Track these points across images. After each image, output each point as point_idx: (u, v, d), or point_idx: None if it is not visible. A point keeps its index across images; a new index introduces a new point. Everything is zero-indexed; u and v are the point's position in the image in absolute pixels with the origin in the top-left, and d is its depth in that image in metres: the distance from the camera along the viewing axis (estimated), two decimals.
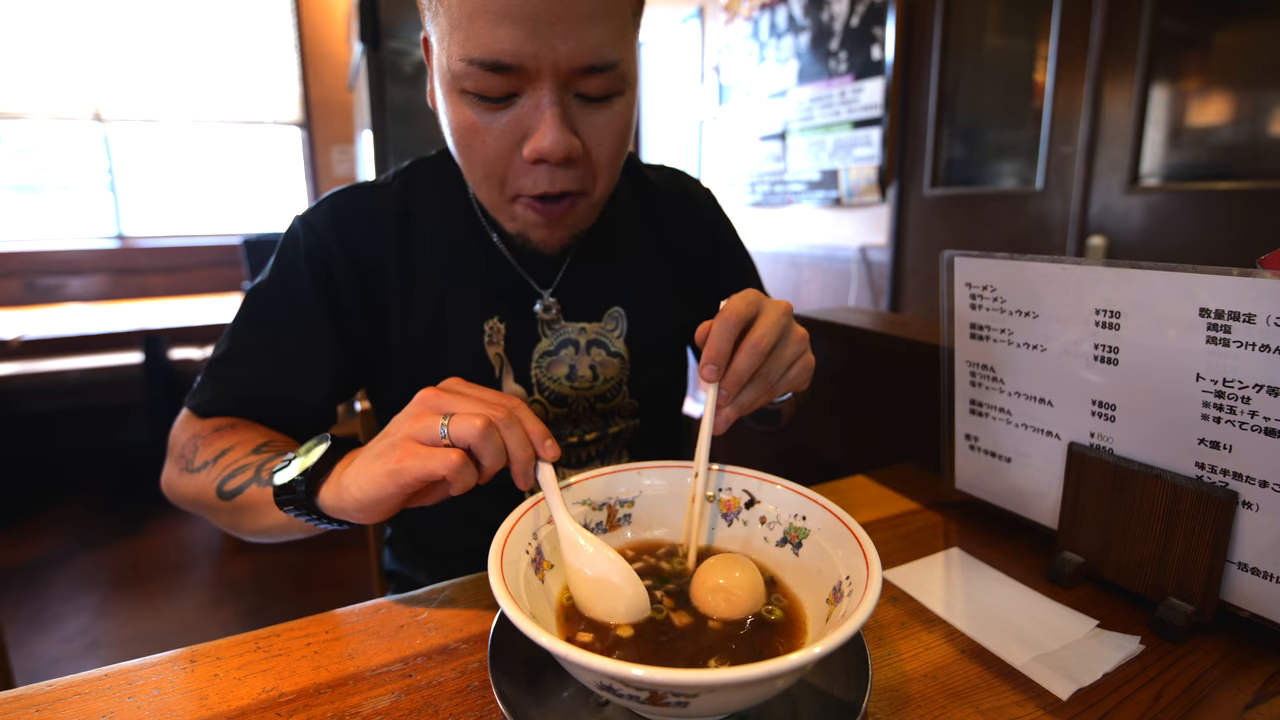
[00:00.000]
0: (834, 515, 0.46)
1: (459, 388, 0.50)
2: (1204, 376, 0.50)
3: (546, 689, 0.42)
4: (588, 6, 0.54)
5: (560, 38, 0.54)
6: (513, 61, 0.54)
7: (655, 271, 0.82)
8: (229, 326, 0.72)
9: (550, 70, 0.55)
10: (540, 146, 0.57)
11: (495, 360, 0.73)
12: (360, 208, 0.72)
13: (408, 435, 0.46)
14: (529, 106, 0.58)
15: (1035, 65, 2.18)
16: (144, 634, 1.95)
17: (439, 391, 0.49)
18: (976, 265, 0.64)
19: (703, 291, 0.86)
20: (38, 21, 3.43)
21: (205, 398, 0.70)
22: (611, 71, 0.57)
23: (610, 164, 0.64)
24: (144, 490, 2.86)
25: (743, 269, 0.90)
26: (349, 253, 0.70)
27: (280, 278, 0.71)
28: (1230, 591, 0.52)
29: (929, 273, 2.60)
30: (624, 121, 0.62)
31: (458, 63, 0.56)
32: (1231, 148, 1.75)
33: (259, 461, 0.60)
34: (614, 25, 0.56)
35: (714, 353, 0.50)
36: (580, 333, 0.76)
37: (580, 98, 0.59)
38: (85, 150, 3.67)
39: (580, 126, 0.60)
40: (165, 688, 0.45)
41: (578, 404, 0.76)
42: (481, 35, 0.54)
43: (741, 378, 0.51)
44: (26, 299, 3.44)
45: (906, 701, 0.45)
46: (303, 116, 4.01)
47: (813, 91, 2.92)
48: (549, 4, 0.52)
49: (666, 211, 0.84)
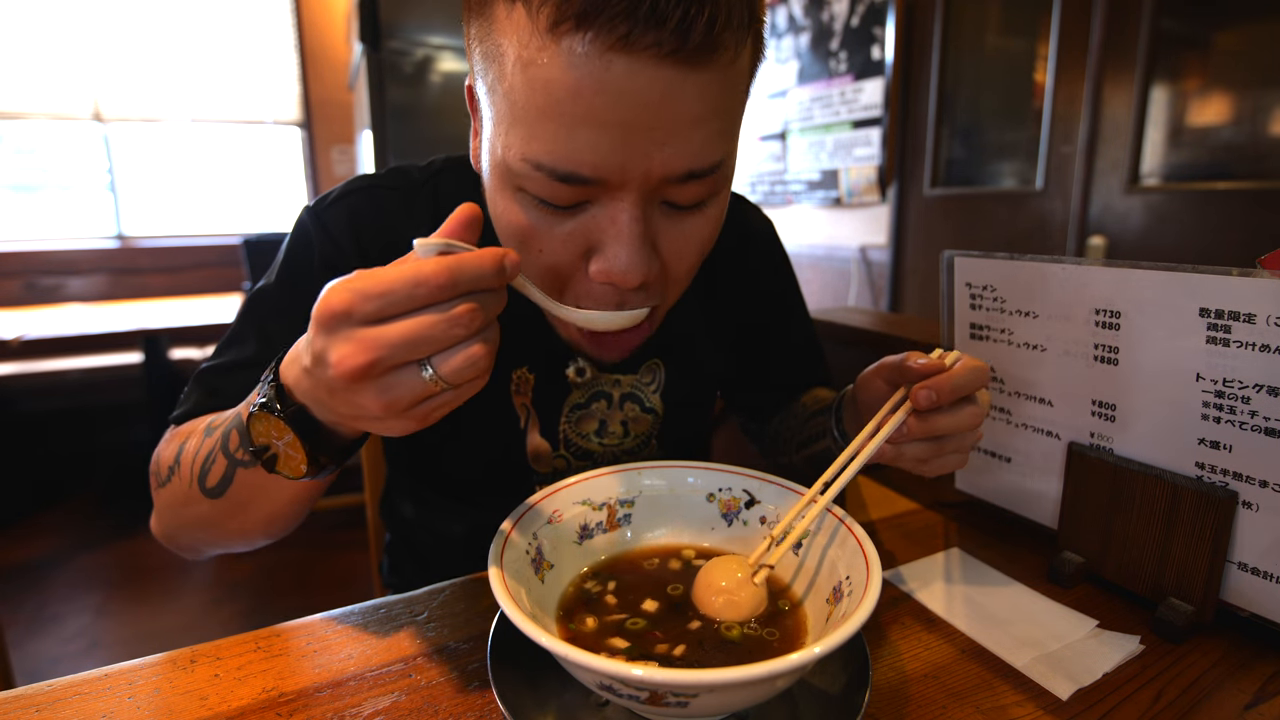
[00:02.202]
0: (834, 515, 0.47)
1: (369, 288, 0.34)
2: (1204, 376, 0.50)
3: (546, 689, 0.42)
4: (697, 109, 0.41)
5: (656, 145, 0.41)
6: (591, 175, 0.42)
7: (700, 320, 0.74)
8: (228, 331, 0.63)
9: (639, 183, 0.43)
10: (612, 271, 0.46)
11: (521, 410, 0.67)
12: (381, 209, 0.63)
13: (383, 405, 0.36)
14: (603, 219, 0.45)
15: (1035, 65, 2.18)
16: (144, 634, 1.95)
17: (351, 308, 0.34)
18: (976, 265, 0.64)
19: (749, 339, 0.79)
20: (38, 21, 3.43)
21: (187, 408, 0.60)
22: (712, 175, 0.45)
23: (690, 275, 0.53)
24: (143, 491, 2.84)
25: (794, 315, 0.83)
26: (367, 260, 0.58)
27: (290, 283, 0.62)
28: (1230, 591, 0.52)
29: (929, 273, 2.60)
30: (715, 227, 0.51)
31: (518, 160, 0.44)
32: (1231, 148, 1.75)
33: (218, 438, 0.49)
34: (724, 122, 0.44)
35: (944, 389, 0.47)
36: (614, 385, 0.69)
37: (667, 205, 0.47)
38: (85, 150, 3.66)
39: (662, 239, 0.48)
40: (165, 688, 0.45)
41: (603, 459, 0.71)
42: (553, 139, 0.41)
43: (936, 430, 0.48)
44: (26, 299, 3.44)
45: (906, 701, 0.45)
46: (303, 116, 4.01)
47: (813, 91, 2.92)
48: (650, 108, 0.40)
49: (721, 253, 0.71)
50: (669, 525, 0.53)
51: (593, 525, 0.52)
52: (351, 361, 0.33)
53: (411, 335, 0.34)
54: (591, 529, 0.51)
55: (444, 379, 0.35)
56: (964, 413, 0.49)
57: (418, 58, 2.52)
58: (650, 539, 0.53)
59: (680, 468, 0.54)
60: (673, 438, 0.75)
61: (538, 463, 0.69)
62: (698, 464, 0.54)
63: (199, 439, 0.52)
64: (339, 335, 0.34)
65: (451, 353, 0.35)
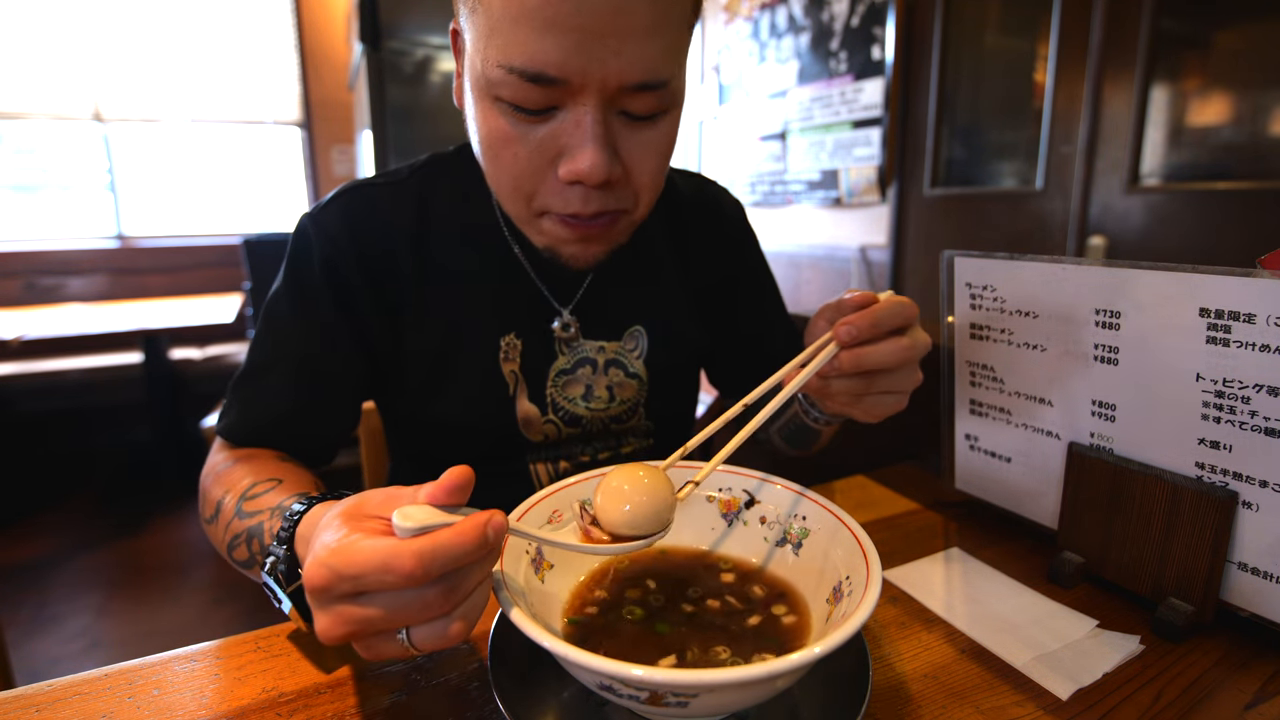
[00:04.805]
0: (834, 515, 0.46)
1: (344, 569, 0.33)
2: (1204, 376, 0.50)
3: (546, 689, 0.42)
4: (644, 19, 0.49)
5: (612, 52, 0.49)
6: (557, 74, 0.49)
7: (678, 289, 0.78)
8: (252, 340, 0.69)
9: (597, 86, 0.50)
10: (578, 169, 0.53)
11: (510, 378, 0.70)
12: (374, 205, 0.69)
13: (369, 656, 0.36)
14: (569, 123, 0.52)
15: (1035, 65, 2.18)
16: (144, 634, 1.95)
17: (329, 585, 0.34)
18: (976, 265, 0.64)
19: (723, 312, 0.83)
20: (38, 21, 3.43)
21: (230, 421, 0.67)
22: (663, 89, 0.52)
23: (653, 184, 0.59)
24: (144, 490, 2.86)
25: (766, 292, 0.87)
26: (363, 254, 0.67)
27: (295, 287, 0.67)
28: (1230, 591, 0.52)
29: (929, 273, 2.60)
30: (669, 141, 0.58)
31: (495, 69, 0.51)
32: (1231, 148, 1.75)
33: (245, 531, 0.54)
34: (670, 39, 0.51)
35: (864, 323, 0.48)
36: (599, 352, 0.73)
37: (625, 115, 0.54)
38: (85, 150, 3.67)
39: (622, 146, 0.55)
40: (165, 688, 0.45)
41: (592, 424, 0.74)
42: (524, 42, 0.49)
43: (864, 363, 0.49)
44: (26, 299, 3.44)
45: (906, 701, 0.45)
46: (303, 116, 4.01)
47: (813, 91, 2.92)
48: (603, 15, 0.47)
49: (694, 226, 0.80)
50: None
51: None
52: (332, 631, 0.35)
53: (385, 614, 0.34)
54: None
55: (418, 648, 0.36)
56: (888, 345, 0.49)
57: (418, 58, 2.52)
58: None
59: (680, 468, 0.54)
60: (659, 407, 0.78)
61: (528, 429, 0.72)
62: (698, 464, 0.54)
63: (231, 511, 0.57)
64: (321, 607, 0.35)
65: (427, 627, 0.35)
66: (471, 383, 0.70)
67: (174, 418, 2.94)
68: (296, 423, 0.68)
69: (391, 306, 0.69)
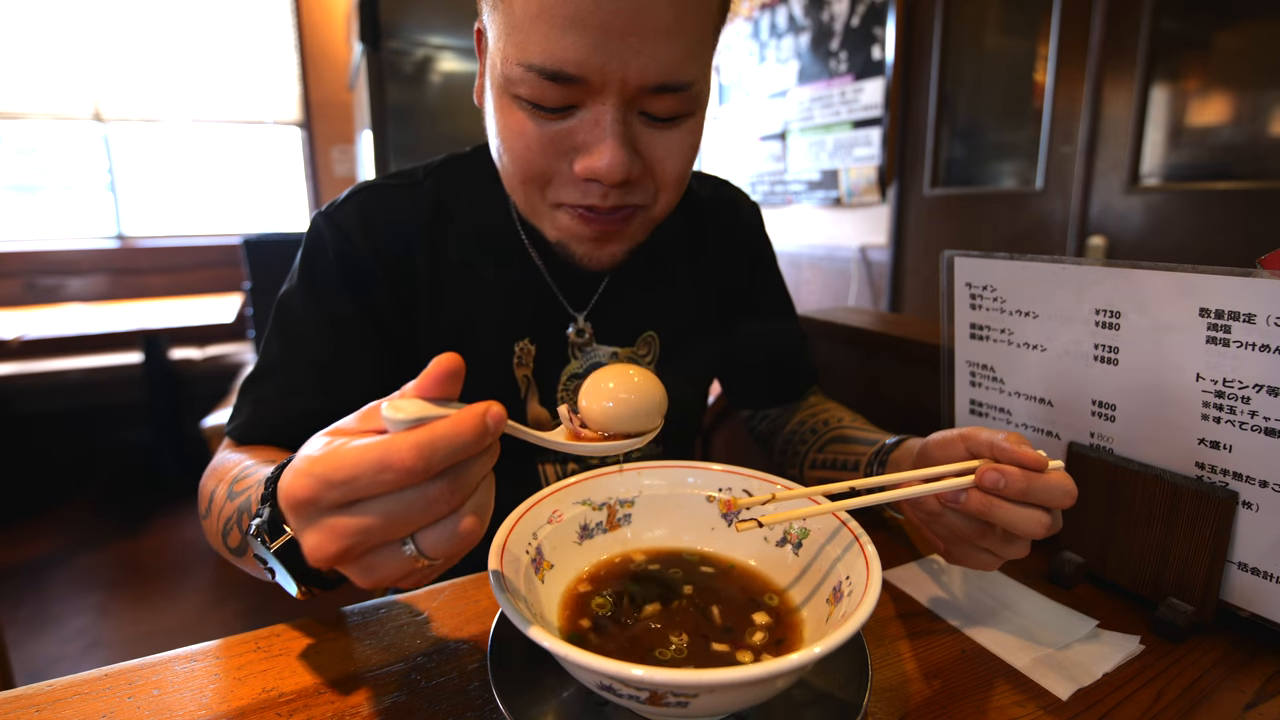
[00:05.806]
0: (834, 515, 0.46)
1: (332, 474, 0.30)
2: (1204, 376, 0.50)
3: (546, 689, 0.42)
4: (667, 19, 0.48)
5: (632, 51, 0.48)
6: (576, 72, 0.49)
7: (692, 295, 0.77)
8: (263, 341, 0.67)
9: (616, 86, 0.49)
10: (595, 165, 0.52)
11: (522, 382, 0.70)
12: (390, 205, 0.68)
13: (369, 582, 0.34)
14: (587, 121, 0.52)
15: (1035, 65, 2.18)
16: (144, 634, 1.95)
17: (315, 496, 0.31)
18: (976, 265, 0.64)
19: (735, 318, 0.82)
20: (38, 21, 3.43)
21: (240, 421, 0.65)
22: (684, 92, 0.52)
23: (675, 185, 0.58)
24: (144, 490, 2.86)
25: (777, 301, 0.86)
26: (379, 252, 0.66)
27: (310, 285, 0.66)
28: (1230, 591, 0.52)
29: (929, 273, 2.60)
30: (692, 145, 0.57)
31: (514, 66, 0.50)
32: (1231, 148, 1.75)
33: (235, 511, 0.52)
34: (693, 41, 0.50)
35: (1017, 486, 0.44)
36: (611, 357, 0.73)
37: (645, 116, 0.53)
38: (85, 150, 3.67)
39: (642, 147, 0.54)
40: (165, 688, 0.45)
41: None
42: (544, 40, 0.48)
43: (992, 517, 0.45)
44: (26, 299, 3.44)
45: (906, 701, 0.45)
46: (303, 116, 4.01)
47: (813, 91, 2.92)
48: (624, 13, 0.46)
49: (711, 230, 0.79)
50: (669, 525, 0.53)
51: (593, 525, 0.52)
52: (324, 550, 0.31)
53: (384, 521, 0.30)
54: (592, 529, 0.51)
55: (428, 556, 0.32)
56: (1029, 514, 0.44)
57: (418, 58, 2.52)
58: (650, 539, 0.53)
59: (680, 468, 0.54)
60: (669, 413, 0.76)
61: None
62: (698, 464, 0.54)
63: (223, 497, 0.55)
64: (308, 523, 0.31)
65: (435, 529, 0.32)
66: (483, 386, 0.68)
67: (174, 418, 2.94)
68: (312, 421, 0.64)
69: (408, 305, 0.68)
